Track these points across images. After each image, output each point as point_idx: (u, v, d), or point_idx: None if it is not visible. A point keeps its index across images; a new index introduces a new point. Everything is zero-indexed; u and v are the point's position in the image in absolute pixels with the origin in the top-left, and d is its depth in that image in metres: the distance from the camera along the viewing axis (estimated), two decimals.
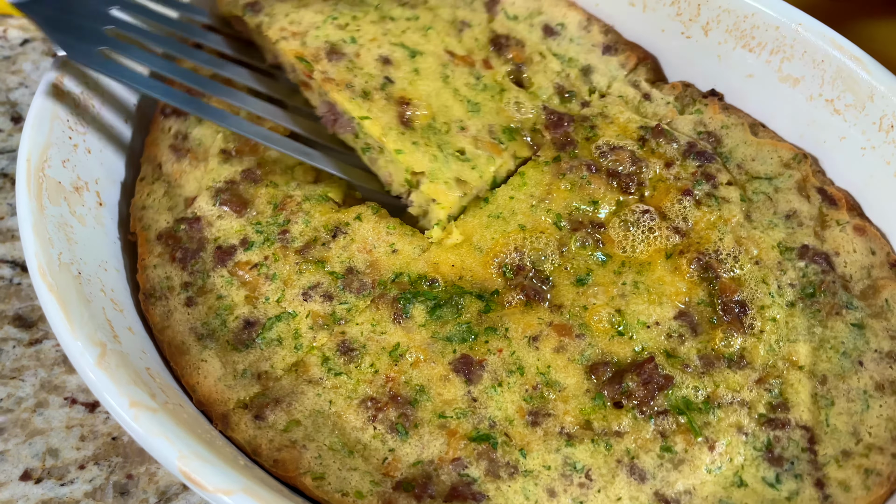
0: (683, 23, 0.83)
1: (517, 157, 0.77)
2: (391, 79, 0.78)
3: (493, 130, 0.77)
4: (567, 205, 0.74)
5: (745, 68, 0.81)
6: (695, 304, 0.68)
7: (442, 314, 0.67)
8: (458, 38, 0.84)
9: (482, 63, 0.83)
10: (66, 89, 0.75)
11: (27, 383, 0.77)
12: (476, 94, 0.79)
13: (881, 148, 0.73)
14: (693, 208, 0.74)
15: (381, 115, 0.75)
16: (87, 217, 0.72)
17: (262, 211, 0.75)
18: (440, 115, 0.76)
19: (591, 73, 0.86)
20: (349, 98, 0.75)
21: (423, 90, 0.77)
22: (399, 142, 0.73)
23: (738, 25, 0.80)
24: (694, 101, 0.84)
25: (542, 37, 0.87)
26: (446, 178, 0.72)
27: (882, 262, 0.71)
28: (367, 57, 0.79)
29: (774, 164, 0.78)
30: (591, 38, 0.87)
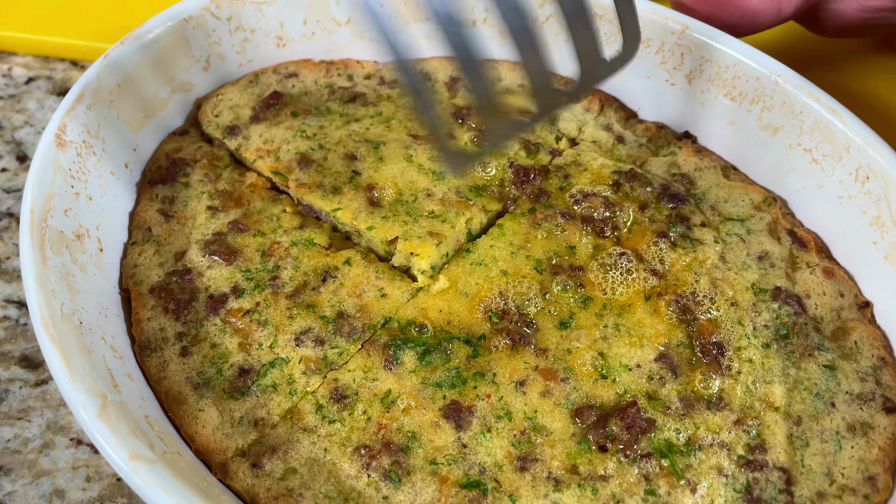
0: (668, 71, 0.83)
1: (488, 211, 0.78)
2: (358, 171, 0.80)
3: (460, 191, 0.78)
4: (545, 251, 0.73)
5: (728, 116, 0.81)
6: (674, 345, 0.68)
7: (431, 360, 0.67)
8: (417, 120, 0.86)
9: (446, 135, 0.84)
10: (68, 139, 0.74)
11: (34, 424, 0.76)
12: (437, 164, 0.81)
13: (857, 198, 0.73)
14: (669, 250, 0.74)
15: (350, 203, 0.77)
16: (88, 264, 0.71)
17: (250, 258, 0.74)
18: (407, 189, 0.78)
19: (555, 121, 0.86)
20: (321, 196, 0.77)
21: (388, 173, 0.80)
22: (369, 220, 0.75)
23: (720, 75, 0.80)
24: (668, 142, 0.84)
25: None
26: (419, 234, 0.74)
27: (851, 304, 0.71)
28: (334, 158, 0.81)
29: (746, 207, 0.78)
30: None
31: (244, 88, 0.89)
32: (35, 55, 1.09)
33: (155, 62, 0.83)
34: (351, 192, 0.78)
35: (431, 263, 0.73)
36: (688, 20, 0.80)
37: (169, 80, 0.85)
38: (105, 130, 0.78)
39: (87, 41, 1.07)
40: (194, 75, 0.88)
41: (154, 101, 0.84)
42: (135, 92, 0.82)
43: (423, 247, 0.72)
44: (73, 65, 1.07)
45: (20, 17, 1.09)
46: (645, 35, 0.82)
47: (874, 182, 0.71)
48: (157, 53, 0.83)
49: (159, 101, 0.85)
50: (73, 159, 0.74)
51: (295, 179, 0.79)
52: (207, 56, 0.88)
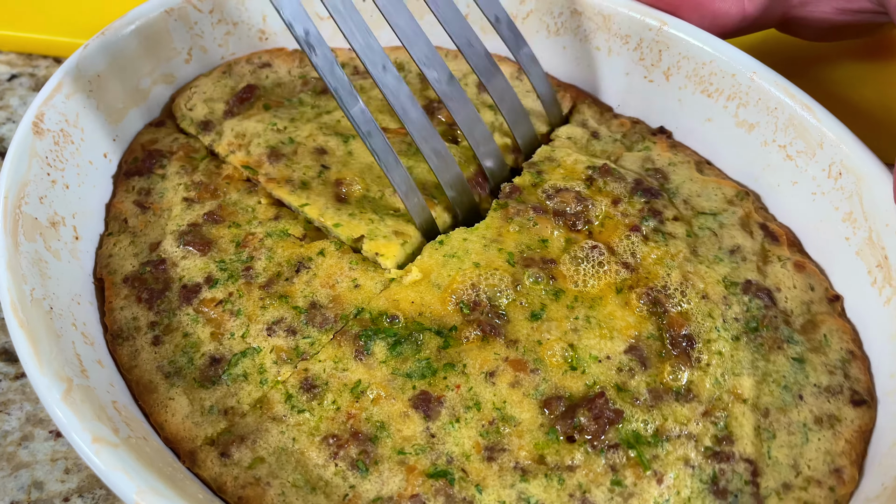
0: (646, 67, 0.82)
1: (450, 209, 0.77)
2: (326, 165, 0.79)
3: (426, 188, 0.77)
4: (518, 244, 0.72)
5: (705, 112, 0.80)
6: (644, 338, 0.67)
7: (402, 350, 0.65)
8: (390, 113, 0.84)
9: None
10: (45, 127, 0.73)
11: (13, 417, 0.74)
12: (407, 159, 0.79)
13: (830, 194, 0.72)
14: (641, 244, 0.73)
15: (318, 198, 0.75)
16: (63, 251, 0.70)
17: (225, 249, 0.73)
18: (374, 185, 0.77)
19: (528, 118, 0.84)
20: (289, 192, 0.76)
21: (355, 168, 0.78)
22: (336, 217, 0.74)
23: (697, 72, 0.79)
24: (643, 137, 0.83)
25: (475, 93, 0.87)
26: (384, 233, 0.73)
27: (821, 298, 0.70)
28: (304, 152, 0.80)
29: (719, 201, 0.77)
30: (524, 85, 0.87)
31: (217, 80, 0.87)
32: (18, 52, 1.07)
33: (136, 53, 0.82)
34: (319, 186, 0.77)
35: (397, 262, 0.72)
36: (665, 17, 0.79)
37: (150, 71, 0.84)
38: (84, 120, 0.77)
39: (71, 38, 1.05)
40: (176, 67, 0.86)
41: (135, 92, 0.83)
42: (115, 82, 0.80)
43: (388, 247, 0.72)
44: (56, 62, 1.06)
45: (2, 14, 1.07)
46: (623, 32, 0.82)
47: (846, 178, 0.70)
48: (139, 44, 0.81)
49: (140, 92, 0.84)
50: (51, 147, 0.72)
51: (265, 174, 0.78)
52: (189, 48, 0.87)
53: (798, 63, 1.00)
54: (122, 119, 0.82)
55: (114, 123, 0.81)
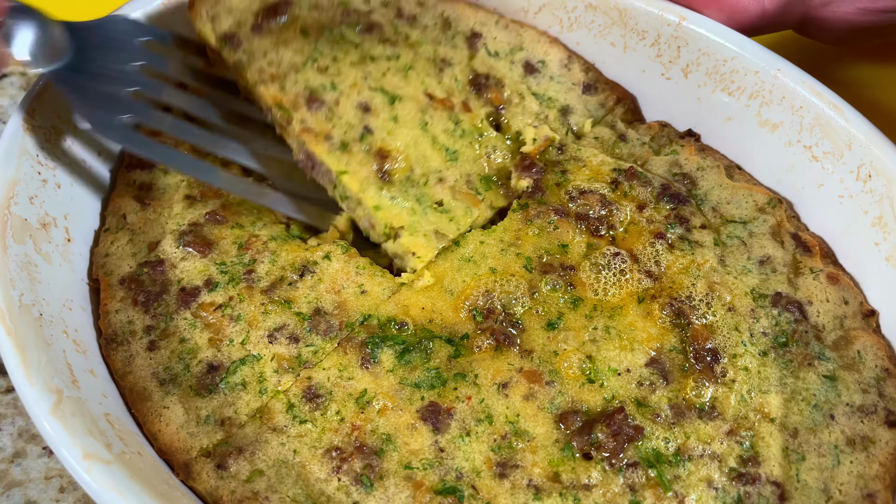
0: (664, 64, 0.81)
1: (493, 207, 0.75)
2: (370, 128, 0.74)
3: (471, 180, 0.75)
4: (536, 249, 0.71)
5: (725, 111, 0.79)
6: (666, 350, 0.65)
7: (411, 359, 0.63)
8: (437, 78, 0.80)
9: (461, 106, 0.79)
10: (37, 124, 0.71)
11: (4, 432, 0.73)
12: (454, 140, 0.76)
13: (859, 197, 0.70)
14: (666, 252, 0.70)
15: (359, 168, 0.72)
16: (54, 254, 0.68)
17: (226, 251, 0.71)
18: (418, 165, 0.73)
19: (569, 113, 0.83)
20: (328, 151, 0.72)
21: (401, 139, 0.74)
22: (377, 197, 0.71)
23: (717, 69, 0.77)
24: (670, 141, 0.81)
25: (522, 75, 0.83)
26: (425, 230, 0.70)
27: (855, 313, 0.68)
28: (347, 105, 0.75)
29: (749, 208, 0.74)
30: (572, 77, 0.84)
31: None
32: None
33: None
34: (361, 153, 0.72)
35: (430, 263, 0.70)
36: (684, 12, 0.77)
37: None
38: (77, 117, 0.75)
39: None
40: None
41: None
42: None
43: (427, 248, 0.70)
44: None
45: None
46: (640, 27, 0.80)
47: (876, 180, 0.68)
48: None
49: None
50: (42, 145, 0.71)
51: (301, 121, 0.72)
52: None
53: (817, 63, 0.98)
54: None
55: None
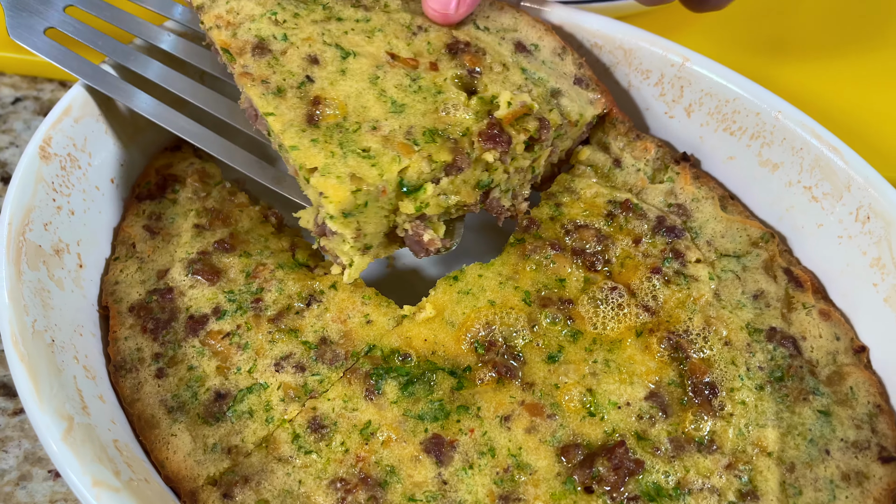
0: (667, 103, 0.81)
1: (433, 161, 0.66)
2: (312, 78, 0.70)
3: (412, 132, 0.67)
4: (535, 283, 0.70)
5: (727, 150, 0.79)
6: (665, 384, 0.65)
7: (414, 391, 0.64)
8: (407, 41, 0.76)
9: (428, 65, 0.74)
10: (52, 151, 0.71)
11: (10, 455, 0.72)
12: (405, 95, 0.71)
13: (857, 238, 0.70)
14: (662, 286, 0.71)
15: (287, 112, 0.68)
16: (66, 280, 0.68)
17: (234, 279, 0.71)
18: (354, 115, 0.68)
19: (559, 96, 0.77)
20: (261, 94, 0.69)
21: (343, 90, 0.70)
22: (297, 138, 0.66)
23: (719, 109, 0.78)
24: (665, 166, 0.80)
25: (512, 50, 0.78)
26: (339, 173, 0.64)
27: (846, 348, 0.68)
28: (294, 55, 0.72)
29: (743, 242, 0.75)
30: (564, 66, 0.80)
31: None
32: (23, 75, 1.06)
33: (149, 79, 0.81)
34: (294, 99, 0.69)
35: (342, 209, 0.63)
36: (688, 53, 0.78)
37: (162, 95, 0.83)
38: (92, 144, 0.76)
39: None
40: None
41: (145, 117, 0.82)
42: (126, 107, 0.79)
43: (337, 190, 0.63)
44: (61, 85, 1.05)
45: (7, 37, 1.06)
46: (644, 67, 0.80)
47: (875, 222, 0.68)
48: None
49: None
50: (57, 172, 0.71)
51: (242, 65, 0.71)
52: (202, 73, 0.85)
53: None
54: (131, 144, 0.80)
55: (122, 148, 0.79)
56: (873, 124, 0.98)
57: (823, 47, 1.09)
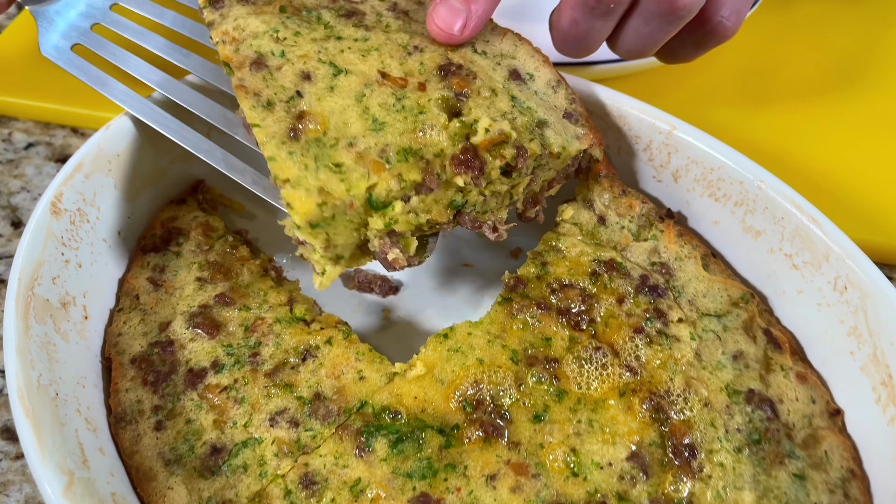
0: (655, 168, 0.83)
1: (403, 180, 0.66)
2: (301, 93, 0.71)
3: (386, 150, 0.68)
4: (522, 341, 0.72)
5: (712, 215, 0.81)
6: (646, 444, 0.67)
7: (404, 449, 0.65)
8: (401, 60, 0.76)
9: (416, 85, 0.74)
10: (63, 207, 0.74)
11: (11, 499, 0.73)
12: (387, 113, 0.70)
13: (836, 307, 0.72)
14: (645, 346, 0.73)
15: (273, 124, 0.68)
16: (71, 332, 0.71)
17: (233, 333, 0.73)
18: (334, 130, 0.68)
19: (545, 127, 0.76)
20: (251, 106, 0.70)
21: (328, 106, 0.70)
22: (275, 150, 0.66)
23: (705, 176, 0.80)
24: (650, 223, 0.81)
25: (505, 77, 0.78)
26: (309, 185, 0.64)
27: (822, 412, 0.70)
28: (289, 71, 0.73)
29: (724, 302, 0.77)
30: (556, 100, 0.79)
31: None
32: (36, 121, 1.09)
33: (158, 133, 0.83)
34: (282, 112, 0.69)
35: (308, 220, 0.64)
36: (675, 121, 0.81)
37: (169, 150, 0.86)
38: (101, 199, 0.78)
39: (89, 109, 1.07)
40: None
41: (153, 171, 0.85)
42: (134, 162, 0.82)
43: (303, 202, 0.64)
44: (73, 132, 1.08)
45: (22, 83, 1.09)
46: (634, 132, 0.83)
47: (852, 292, 0.70)
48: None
49: (158, 171, 0.85)
50: (66, 227, 0.74)
51: (239, 79, 0.72)
52: (209, 129, 0.88)
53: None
54: (137, 197, 0.83)
55: (129, 202, 0.82)
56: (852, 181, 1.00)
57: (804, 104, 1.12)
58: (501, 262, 0.91)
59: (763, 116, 1.09)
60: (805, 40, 1.23)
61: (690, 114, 0.83)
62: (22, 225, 0.96)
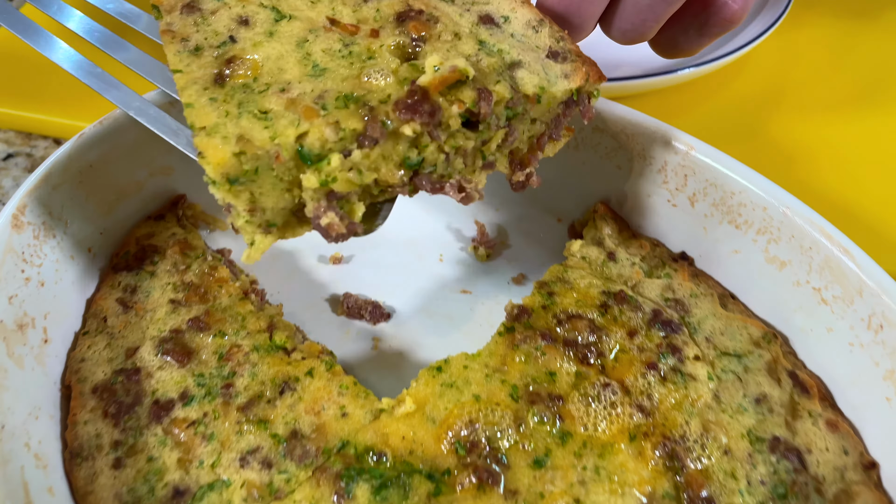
0: (670, 191, 0.76)
1: (341, 128, 0.56)
2: (235, 38, 0.63)
3: (324, 96, 0.58)
4: (523, 376, 0.65)
5: (732, 244, 0.74)
6: (659, 496, 0.60)
7: (388, 495, 0.58)
8: (354, 7, 0.66)
9: (369, 32, 0.64)
10: (25, 220, 0.68)
11: None
12: (330, 60, 0.61)
13: (870, 347, 0.65)
14: (658, 384, 0.66)
15: (196, 70, 0.60)
16: (27, 357, 0.64)
17: (206, 361, 0.67)
18: (267, 76, 0.60)
19: (517, 68, 0.63)
20: (176, 51, 0.61)
21: (264, 52, 0.62)
22: (195, 96, 0.58)
23: (724, 201, 0.73)
24: (663, 263, 0.77)
25: (473, 22, 0.66)
26: (226, 133, 0.55)
27: (855, 464, 0.63)
28: (224, 15, 0.65)
29: (744, 341, 0.70)
30: (538, 40, 0.66)
31: None
32: (17, 131, 1.04)
33: (135, 143, 0.77)
34: (210, 58, 0.61)
35: (224, 172, 0.54)
36: (693, 141, 0.74)
37: (148, 162, 0.80)
38: (70, 212, 0.72)
39: (72, 120, 1.01)
40: (176, 159, 0.82)
41: (129, 184, 0.79)
42: (109, 173, 0.76)
43: (217, 150, 0.54)
44: (55, 143, 1.02)
45: (3, 92, 1.04)
46: (647, 153, 0.77)
47: (888, 332, 0.63)
48: (138, 135, 0.77)
49: (135, 184, 0.79)
50: (29, 242, 0.68)
51: (168, 23, 0.64)
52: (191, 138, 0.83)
53: None
54: (111, 212, 0.77)
55: (102, 216, 0.76)
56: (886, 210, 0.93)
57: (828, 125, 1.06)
58: (503, 289, 0.84)
59: (784, 139, 1.03)
60: (825, 59, 1.18)
61: (705, 136, 0.76)
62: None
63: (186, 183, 0.83)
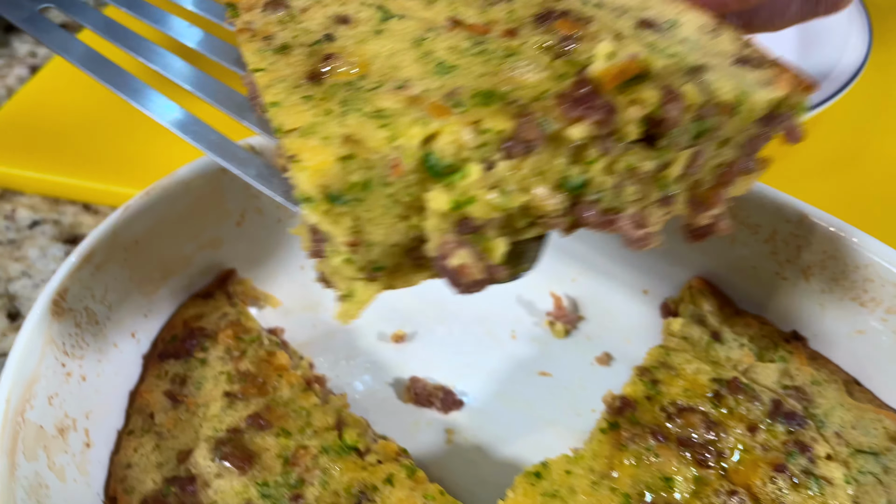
0: (779, 263, 0.68)
1: (483, 130, 0.42)
2: (332, 37, 0.51)
3: (457, 92, 0.45)
4: (635, 482, 0.57)
5: (855, 323, 0.66)
6: None
7: None
8: (482, 8, 0.53)
9: (503, 32, 0.51)
10: (67, 306, 0.60)
11: None
12: (459, 57, 0.48)
13: None
14: (790, 490, 0.57)
15: (283, 68, 0.49)
16: (69, 467, 0.56)
17: (270, 467, 0.58)
18: (378, 73, 0.47)
19: (702, 72, 0.45)
20: (256, 49, 0.51)
21: (371, 49, 0.49)
22: (285, 94, 0.46)
23: (847, 275, 0.65)
24: (774, 344, 0.69)
25: (632, 27, 0.51)
26: (328, 133, 0.42)
27: None
28: (318, 14, 0.54)
29: (880, 437, 0.62)
30: (717, 45, 0.50)
31: None
32: (43, 196, 0.97)
33: (182, 216, 0.70)
34: (300, 56, 0.50)
35: (324, 184, 0.41)
36: (808, 208, 0.67)
37: (196, 235, 0.72)
38: (113, 294, 0.65)
39: (102, 183, 0.93)
40: (225, 231, 0.75)
41: (176, 260, 0.71)
42: (155, 249, 0.69)
43: (316, 151, 0.41)
44: (84, 208, 0.94)
45: (30, 153, 0.97)
46: (753, 220, 0.69)
47: None
48: (187, 206, 0.70)
49: (182, 260, 0.72)
50: (70, 331, 0.60)
51: (245, 21, 0.53)
52: (243, 211, 0.75)
53: None
54: (156, 291, 0.70)
55: (146, 297, 0.68)
56: None
57: None
58: (586, 371, 0.76)
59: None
60: None
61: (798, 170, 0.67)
62: (20, 317, 0.82)
63: (235, 256, 0.76)
